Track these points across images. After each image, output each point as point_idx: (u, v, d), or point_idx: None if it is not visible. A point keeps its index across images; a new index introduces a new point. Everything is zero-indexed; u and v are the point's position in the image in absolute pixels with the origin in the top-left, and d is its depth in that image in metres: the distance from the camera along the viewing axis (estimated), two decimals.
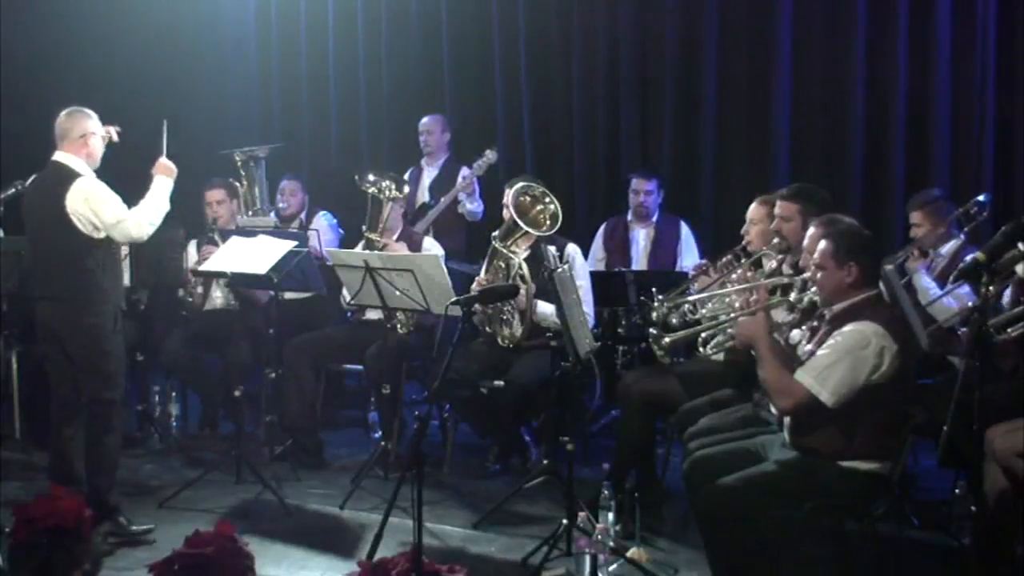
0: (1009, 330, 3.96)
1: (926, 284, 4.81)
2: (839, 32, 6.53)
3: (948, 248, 5.05)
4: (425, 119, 7.03)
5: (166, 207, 4.77)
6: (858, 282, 3.65)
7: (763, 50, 6.72)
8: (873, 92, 6.45)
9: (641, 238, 6.51)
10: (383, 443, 5.45)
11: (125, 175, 4.81)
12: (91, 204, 4.52)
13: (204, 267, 5.55)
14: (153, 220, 4.68)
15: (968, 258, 3.43)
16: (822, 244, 3.70)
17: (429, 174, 6.98)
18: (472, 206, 6.75)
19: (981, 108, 6.18)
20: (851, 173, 6.50)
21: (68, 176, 4.57)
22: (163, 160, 4.84)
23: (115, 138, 4.78)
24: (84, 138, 4.63)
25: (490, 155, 6.62)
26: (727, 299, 4.28)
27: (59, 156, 4.63)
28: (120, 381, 4.69)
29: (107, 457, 4.64)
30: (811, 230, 3.87)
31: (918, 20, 6.31)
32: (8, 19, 7.70)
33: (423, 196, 6.93)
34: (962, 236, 5.02)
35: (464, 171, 6.74)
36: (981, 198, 5.02)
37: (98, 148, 4.69)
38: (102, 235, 4.57)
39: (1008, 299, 4.30)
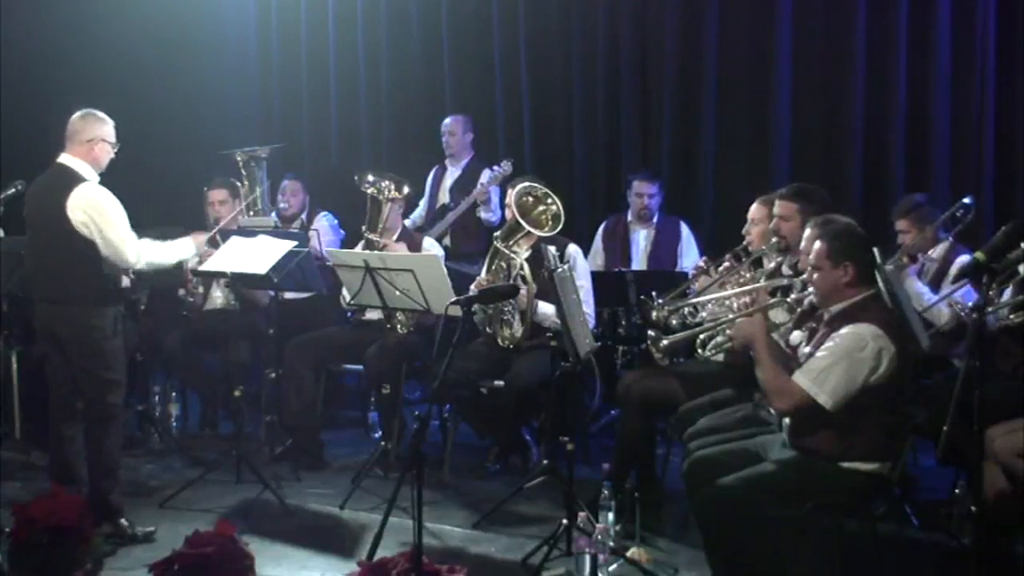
0: (1012, 316, 3.96)
1: (919, 289, 4.81)
2: (839, 32, 6.52)
3: (937, 252, 5.04)
4: (447, 120, 6.98)
5: (168, 263, 4.89)
6: (854, 281, 3.66)
7: (763, 50, 6.71)
8: (873, 92, 6.44)
9: (641, 239, 6.49)
10: (383, 443, 5.45)
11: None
12: (91, 213, 4.48)
13: (204, 267, 5.54)
14: (152, 261, 4.73)
15: (969, 258, 3.43)
16: (817, 244, 3.70)
17: (452, 175, 6.95)
18: (487, 215, 6.68)
19: (981, 108, 6.16)
20: (851, 173, 6.48)
21: (71, 180, 4.52)
22: (202, 237, 5.07)
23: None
24: (91, 143, 4.58)
25: (505, 166, 6.56)
26: (727, 301, 4.28)
27: (64, 158, 4.59)
28: (121, 384, 4.67)
29: (108, 460, 4.62)
30: (807, 231, 3.87)
31: (918, 20, 6.30)
32: (8, 19, 7.70)
33: (444, 197, 6.90)
34: (950, 239, 5.02)
35: (485, 174, 6.67)
36: (966, 200, 5.00)
37: (104, 155, 4.64)
38: None
39: (1008, 299, 4.31)
